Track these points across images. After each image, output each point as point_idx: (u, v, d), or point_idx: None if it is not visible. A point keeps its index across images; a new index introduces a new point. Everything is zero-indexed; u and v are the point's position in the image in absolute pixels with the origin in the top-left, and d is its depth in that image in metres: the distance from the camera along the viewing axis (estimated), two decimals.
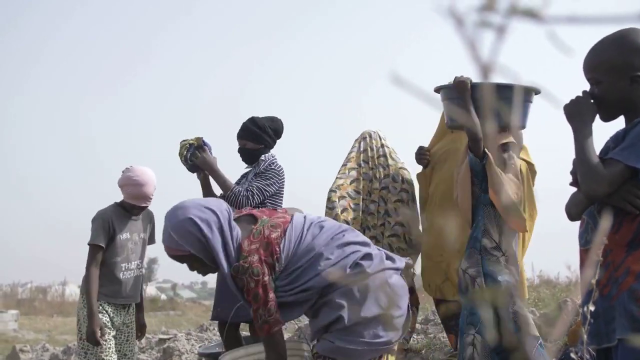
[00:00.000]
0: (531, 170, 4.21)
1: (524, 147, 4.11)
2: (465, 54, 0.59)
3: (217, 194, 4.42)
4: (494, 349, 3.40)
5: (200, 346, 6.99)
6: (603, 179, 2.05)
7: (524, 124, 3.77)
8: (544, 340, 3.54)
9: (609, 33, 2.19)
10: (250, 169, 4.49)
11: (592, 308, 1.87)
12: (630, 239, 2.05)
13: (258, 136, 4.41)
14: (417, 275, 4.25)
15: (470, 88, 3.58)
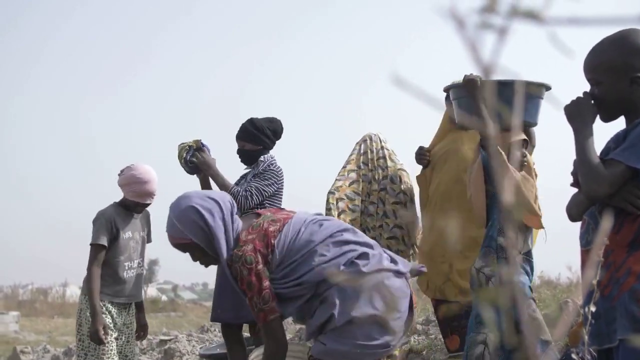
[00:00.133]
0: None
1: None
2: (466, 55, 0.59)
3: None
4: (503, 349, 3.39)
5: (202, 347, 6.99)
6: (604, 179, 2.06)
7: (535, 120, 3.67)
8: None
9: (609, 34, 2.19)
10: (250, 170, 4.49)
11: (593, 309, 1.88)
12: (632, 240, 2.05)
13: (256, 137, 4.42)
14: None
15: (480, 86, 3.55)
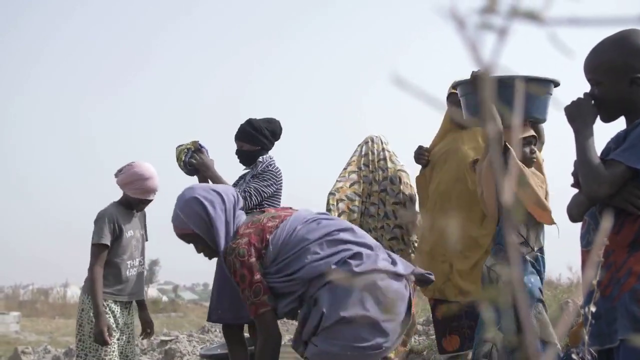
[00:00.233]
0: None
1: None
2: (466, 55, 0.59)
3: None
4: (512, 349, 3.39)
5: (202, 348, 6.99)
6: (604, 180, 2.06)
7: (544, 117, 3.65)
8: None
9: (610, 34, 2.19)
10: (248, 171, 4.48)
11: (593, 309, 1.88)
12: (632, 240, 2.05)
13: (254, 138, 4.42)
14: None
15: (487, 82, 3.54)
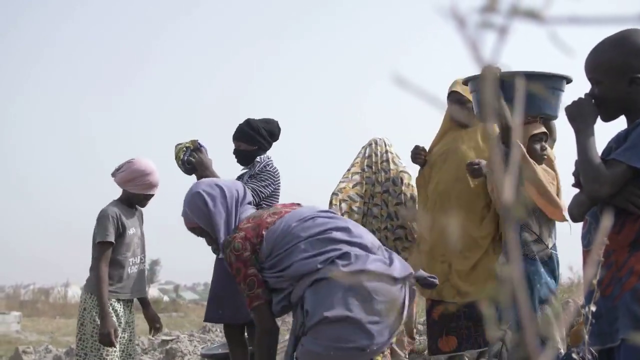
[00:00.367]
0: None
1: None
2: (466, 54, 0.59)
3: None
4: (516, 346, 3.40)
5: (203, 347, 7.00)
6: (605, 179, 2.06)
7: (556, 113, 3.54)
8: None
9: (610, 34, 2.19)
10: (246, 171, 4.48)
11: (593, 308, 1.88)
12: (633, 239, 2.05)
13: (252, 138, 4.41)
14: None
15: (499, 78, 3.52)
